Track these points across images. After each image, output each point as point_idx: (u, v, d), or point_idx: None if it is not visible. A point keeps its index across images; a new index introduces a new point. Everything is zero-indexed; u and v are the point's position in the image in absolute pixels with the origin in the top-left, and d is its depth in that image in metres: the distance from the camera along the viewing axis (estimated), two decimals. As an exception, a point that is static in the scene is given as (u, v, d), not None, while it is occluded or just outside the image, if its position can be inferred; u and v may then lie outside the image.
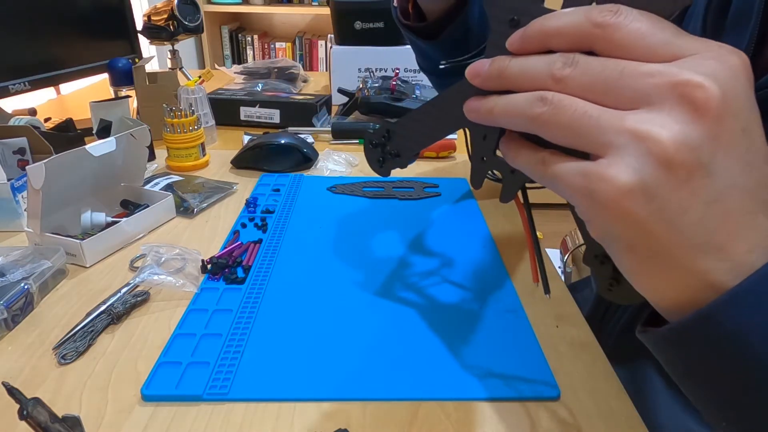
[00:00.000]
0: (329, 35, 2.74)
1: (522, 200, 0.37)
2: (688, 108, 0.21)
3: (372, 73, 1.22)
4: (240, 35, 2.81)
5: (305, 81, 1.41)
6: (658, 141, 0.21)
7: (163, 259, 0.55)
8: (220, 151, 0.91)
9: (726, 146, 0.22)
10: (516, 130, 0.27)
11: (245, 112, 1.04)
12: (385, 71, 1.22)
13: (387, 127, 0.37)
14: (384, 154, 0.38)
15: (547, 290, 0.38)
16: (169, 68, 1.35)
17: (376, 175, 0.41)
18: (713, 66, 0.22)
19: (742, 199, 0.23)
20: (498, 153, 0.31)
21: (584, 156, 0.24)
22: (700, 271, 0.23)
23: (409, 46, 0.68)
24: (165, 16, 1.22)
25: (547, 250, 0.59)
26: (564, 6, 0.26)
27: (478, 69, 0.28)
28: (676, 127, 0.21)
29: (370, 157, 0.39)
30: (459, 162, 0.90)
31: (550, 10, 0.26)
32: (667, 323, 0.25)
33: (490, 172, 0.33)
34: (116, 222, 0.61)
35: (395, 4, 0.59)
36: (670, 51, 0.23)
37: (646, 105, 0.22)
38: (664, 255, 0.23)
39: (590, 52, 0.24)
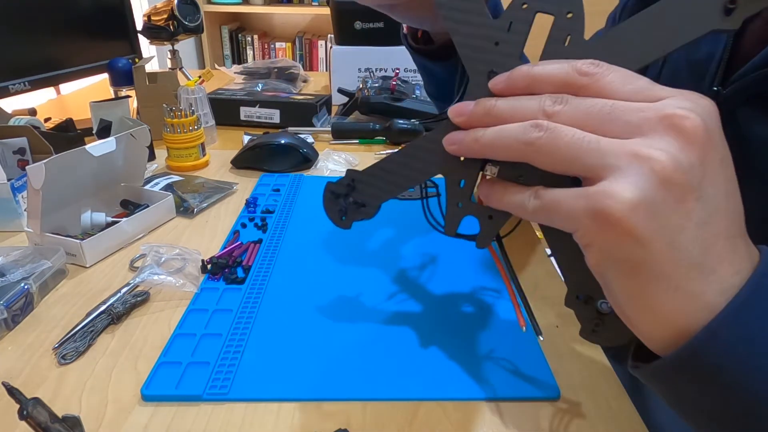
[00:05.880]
0: (329, 35, 2.74)
1: (498, 251, 0.38)
2: (678, 136, 0.23)
3: (372, 73, 1.22)
4: (240, 35, 2.81)
5: (305, 81, 1.41)
6: (658, 161, 0.23)
7: (163, 259, 0.55)
8: (220, 151, 0.91)
9: (711, 173, 0.24)
10: (504, 158, 0.28)
11: (245, 112, 1.04)
12: (385, 71, 1.22)
13: (352, 176, 0.35)
14: (347, 205, 0.36)
15: (538, 332, 0.38)
16: (169, 68, 1.35)
17: None
18: (690, 104, 0.24)
19: (726, 224, 0.24)
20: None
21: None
22: (696, 293, 0.24)
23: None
24: (165, 16, 1.22)
25: (547, 249, 0.59)
26: (542, 59, 0.28)
27: (462, 109, 0.29)
28: (671, 150, 0.23)
29: (330, 208, 0.36)
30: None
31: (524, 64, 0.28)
32: (653, 355, 0.26)
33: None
34: (116, 222, 0.61)
35: (405, 31, 0.60)
36: (649, 95, 0.25)
37: (639, 135, 0.24)
38: (664, 277, 0.24)
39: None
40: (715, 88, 0.41)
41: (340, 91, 1.14)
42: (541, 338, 0.38)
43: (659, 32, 0.27)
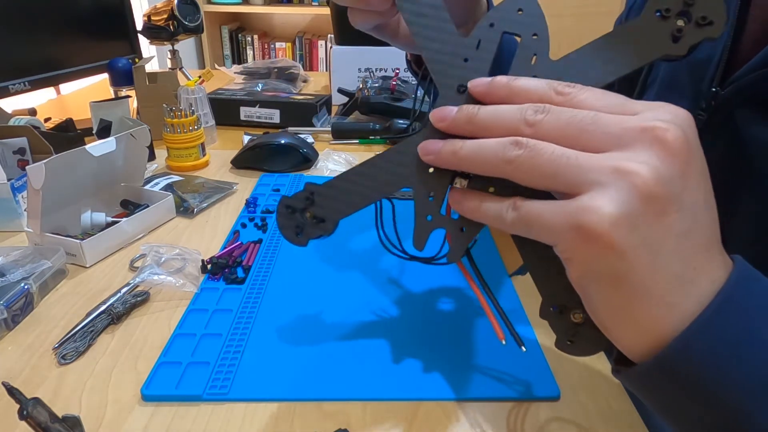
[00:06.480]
0: (329, 35, 2.74)
1: (468, 265, 0.37)
2: (661, 148, 0.23)
3: (372, 73, 1.22)
4: (240, 35, 2.81)
5: (305, 81, 1.41)
6: (639, 175, 0.23)
7: (163, 259, 0.55)
8: (220, 151, 0.91)
9: (691, 184, 0.24)
10: (482, 173, 0.27)
11: (245, 112, 1.04)
12: (385, 71, 1.22)
13: (311, 189, 0.33)
14: (303, 220, 0.33)
15: (520, 343, 0.37)
16: (169, 68, 1.35)
17: None
18: (669, 116, 0.24)
19: (705, 234, 0.25)
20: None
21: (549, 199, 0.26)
22: (676, 303, 0.24)
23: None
24: (165, 16, 1.22)
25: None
26: (510, 75, 0.29)
27: (445, 114, 0.28)
28: (653, 163, 0.23)
29: (285, 225, 0.33)
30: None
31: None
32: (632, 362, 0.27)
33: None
34: (116, 222, 0.61)
35: (408, 57, 0.61)
36: (624, 109, 0.25)
37: (619, 147, 0.24)
38: (646, 289, 0.24)
39: None
40: (714, 89, 0.41)
41: (340, 91, 1.15)
42: (524, 349, 0.38)
43: (617, 54, 0.28)
